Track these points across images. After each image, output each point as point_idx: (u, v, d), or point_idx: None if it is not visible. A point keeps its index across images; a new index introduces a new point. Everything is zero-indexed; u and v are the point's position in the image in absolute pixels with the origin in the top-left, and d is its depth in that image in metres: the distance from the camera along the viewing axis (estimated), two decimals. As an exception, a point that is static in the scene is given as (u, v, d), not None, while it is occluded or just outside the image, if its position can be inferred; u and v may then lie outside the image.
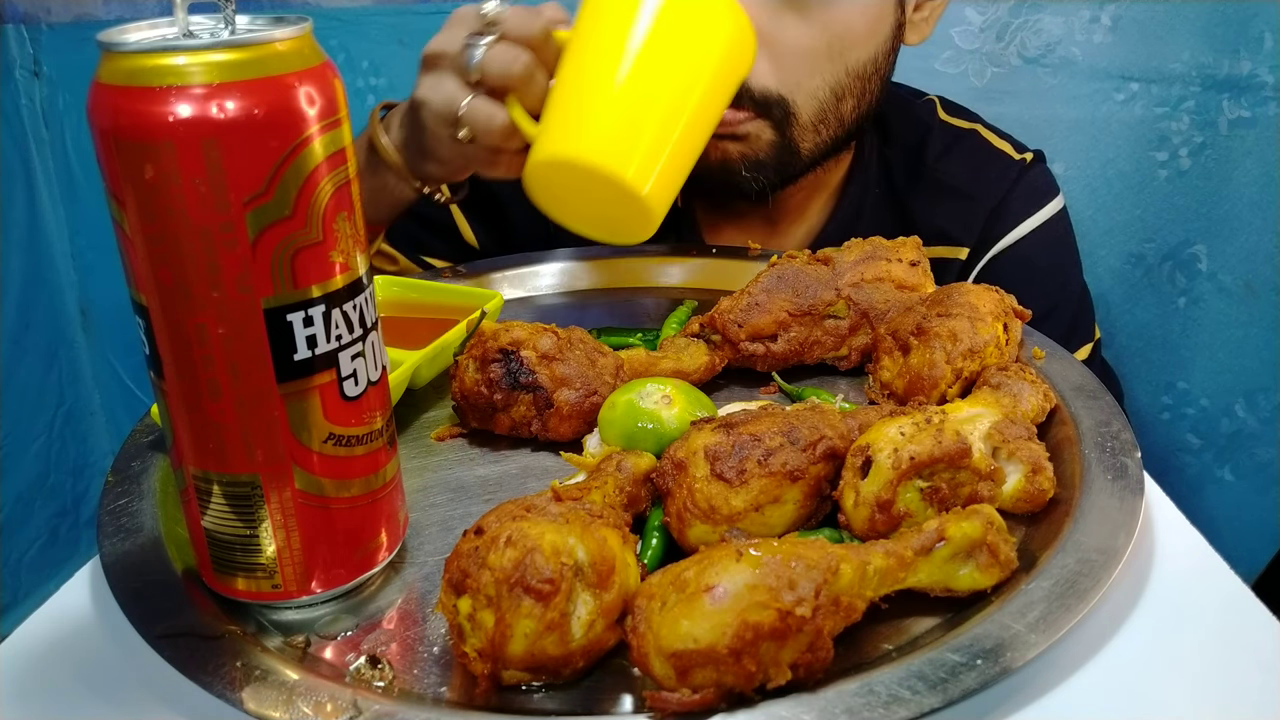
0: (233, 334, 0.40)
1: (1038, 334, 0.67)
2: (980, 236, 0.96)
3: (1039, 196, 0.98)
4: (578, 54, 0.66)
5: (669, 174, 0.64)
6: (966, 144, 0.99)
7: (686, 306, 0.73)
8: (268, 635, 0.45)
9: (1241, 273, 1.22)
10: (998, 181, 0.97)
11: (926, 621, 0.45)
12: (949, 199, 0.96)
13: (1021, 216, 0.97)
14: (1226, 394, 1.27)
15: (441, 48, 0.70)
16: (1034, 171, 1.00)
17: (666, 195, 0.65)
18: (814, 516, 0.50)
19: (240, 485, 0.43)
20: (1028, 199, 0.98)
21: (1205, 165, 1.21)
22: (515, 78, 0.66)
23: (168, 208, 0.38)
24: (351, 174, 0.42)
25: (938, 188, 0.97)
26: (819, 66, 0.83)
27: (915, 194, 0.97)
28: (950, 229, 0.95)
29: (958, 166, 0.97)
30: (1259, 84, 1.16)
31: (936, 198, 0.96)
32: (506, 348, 0.58)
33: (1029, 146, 1.01)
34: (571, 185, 0.65)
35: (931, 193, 0.97)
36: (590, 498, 0.46)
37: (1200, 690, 0.43)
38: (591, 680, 0.42)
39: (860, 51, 0.85)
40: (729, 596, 0.38)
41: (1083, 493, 0.50)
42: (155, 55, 0.37)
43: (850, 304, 0.65)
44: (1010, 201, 0.97)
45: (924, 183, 0.97)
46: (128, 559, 0.48)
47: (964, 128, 1.01)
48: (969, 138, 1.00)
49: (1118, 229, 1.28)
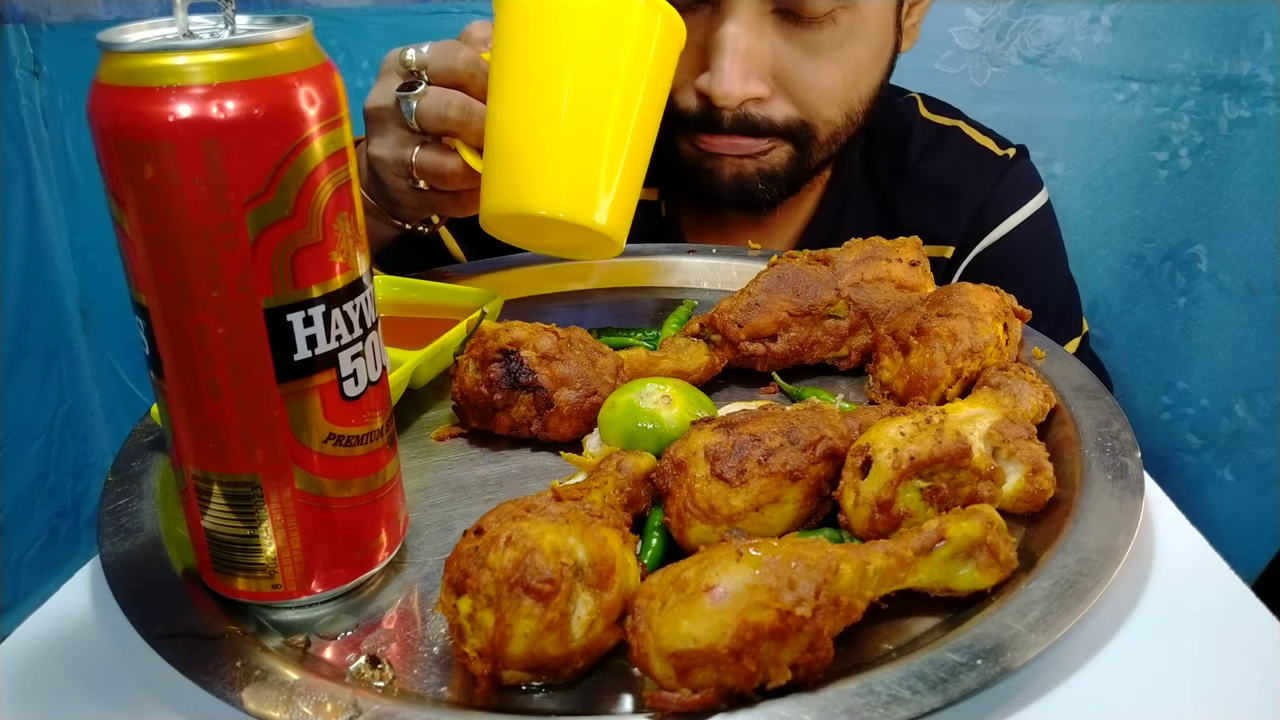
0: (233, 334, 0.40)
1: (1038, 334, 0.67)
2: (965, 234, 0.97)
3: (1023, 192, 0.99)
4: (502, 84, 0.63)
5: (623, 194, 0.63)
6: (949, 141, 1.00)
7: (686, 306, 0.73)
8: (268, 635, 0.45)
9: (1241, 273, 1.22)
10: (981, 179, 0.98)
11: (926, 621, 0.45)
12: (933, 197, 0.97)
13: (1006, 212, 0.98)
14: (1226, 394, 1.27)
15: (377, 103, 0.70)
16: (1017, 167, 1.00)
17: (625, 213, 0.64)
18: (814, 516, 0.50)
19: (240, 485, 0.43)
20: (1011, 195, 0.98)
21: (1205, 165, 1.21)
22: (453, 122, 0.66)
23: (168, 208, 0.38)
24: (352, 174, 0.42)
25: (921, 186, 0.98)
26: (837, 98, 0.87)
27: (899, 192, 0.98)
28: (935, 227, 0.96)
29: (940, 164, 0.98)
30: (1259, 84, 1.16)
31: (920, 196, 0.98)
32: (506, 348, 0.58)
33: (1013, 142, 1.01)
34: (528, 226, 0.65)
35: (915, 191, 0.98)
36: (590, 498, 0.46)
37: (1200, 690, 0.43)
38: (591, 680, 0.42)
39: (871, 78, 0.89)
40: (729, 596, 0.38)
41: (1083, 493, 0.50)
42: (155, 55, 0.37)
43: (850, 304, 0.65)
44: (994, 198, 0.98)
45: (907, 181, 0.98)
46: (128, 559, 0.48)
47: (946, 125, 1.01)
48: (951, 135, 1.01)
49: (1118, 229, 1.28)
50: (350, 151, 0.42)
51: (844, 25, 0.83)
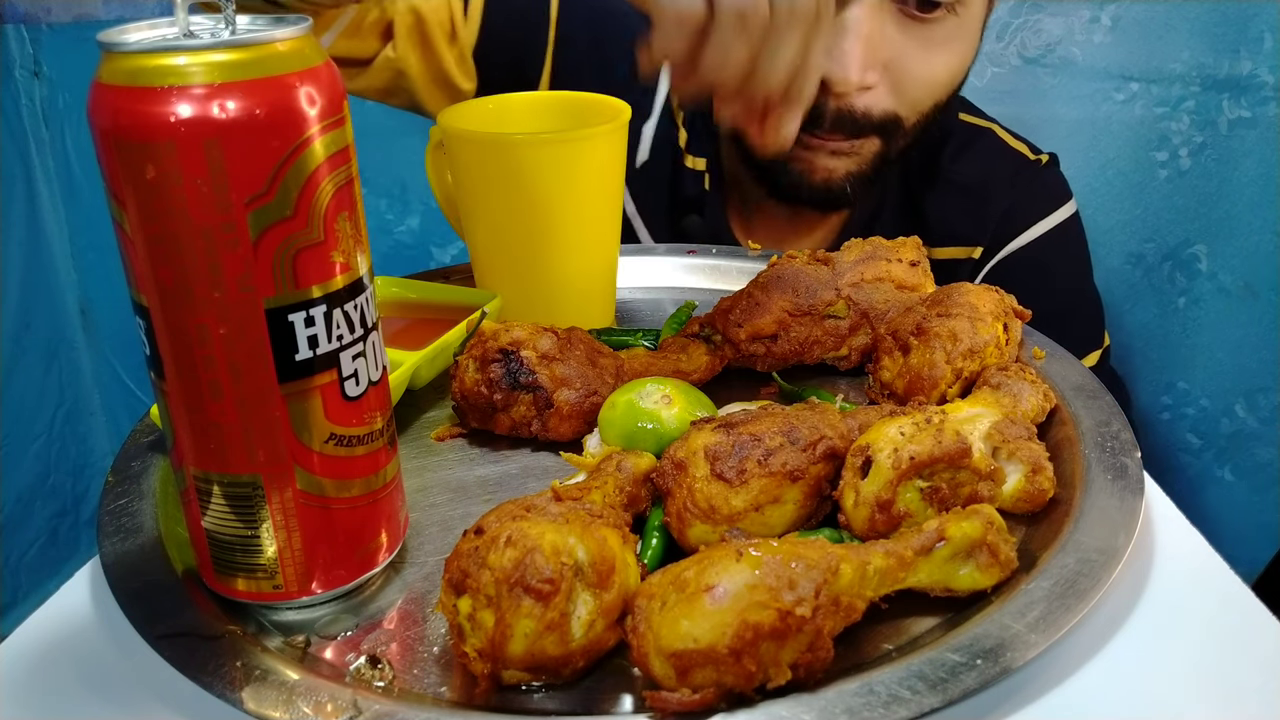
0: (234, 334, 0.40)
1: (1038, 334, 0.67)
2: (993, 236, 0.96)
3: (1053, 199, 0.99)
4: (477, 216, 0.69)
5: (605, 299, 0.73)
6: (981, 143, 1.00)
7: (686, 306, 0.73)
8: (268, 635, 0.45)
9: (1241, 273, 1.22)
10: (1011, 181, 0.98)
11: (926, 621, 0.45)
12: (962, 197, 0.97)
13: (1034, 219, 0.97)
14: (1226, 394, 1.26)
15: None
16: (1048, 174, 1.00)
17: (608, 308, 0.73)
18: (814, 516, 0.50)
19: (241, 486, 0.43)
20: (1041, 201, 0.98)
21: (1205, 165, 1.21)
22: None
23: (168, 208, 0.38)
24: (353, 173, 0.42)
25: (952, 186, 0.97)
26: (935, 94, 0.87)
27: (930, 193, 0.98)
28: (963, 228, 0.95)
29: (972, 165, 0.98)
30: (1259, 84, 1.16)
31: (950, 196, 0.97)
32: (506, 348, 0.58)
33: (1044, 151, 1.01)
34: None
35: (945, 192, 0.97)
36: (590, 498, 0.46)
37: (1200, 690, 0.43)
38: (591, 680, 0.43)
39: (960, 78, 0.90)
40: (729, 596, 0.38)
41: (1083, 493, 0.50)
42: (156, 55, 0.37)
43: (850, 304, 0.65)
44: (1023, 202, 0.97)
45: (939, 182, 0.98)
46: (128, 559, 0.48)
47: (981, 126, 1.01)
48: (984, 137, 1.01)
49: (1118, 229, 1.28)
50: (352, 151, 0.42)
51: (953, 21, 0.84)
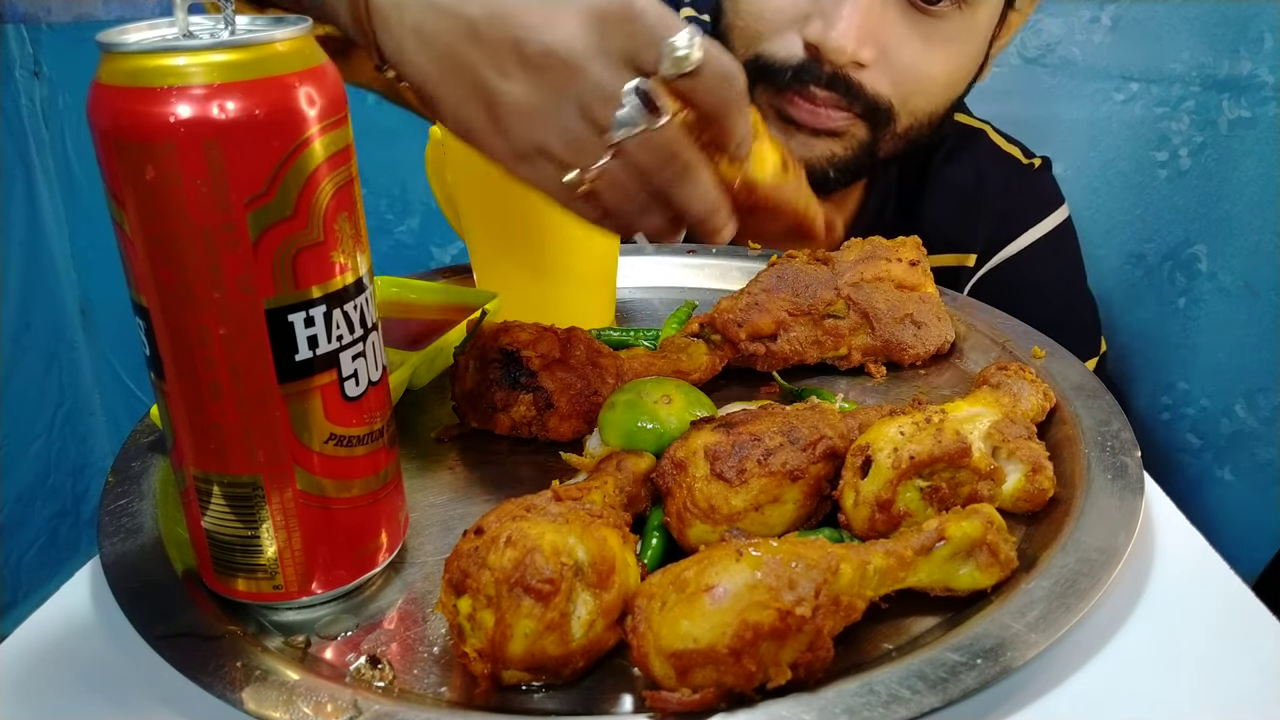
0: (234, 335, 0.40)
1: (1036, 333, 0.67)
2: (986, 241, 0.96)
3: (1045, 205, 0.98)
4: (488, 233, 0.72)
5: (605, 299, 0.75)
6: (974, 145, 0.99)
7: (686, 306, 0.73)
8: (268, 636, 0.45)
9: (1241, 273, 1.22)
10: (1005, 184, 0.97)
11: (926, 621, 0.45)
12: (955, 200, 0.96)
13: (1027, 224, 0.97)
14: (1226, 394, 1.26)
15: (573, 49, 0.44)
16: (1042, 178, 1.00)
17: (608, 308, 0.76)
18: (814, 516, 0.50)
19: (241, 486, 0.43)
20: (1034, 207, 0.97)
21: (1205, 165, 1.21)
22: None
23: (168, 208, 0.38)
24: (353, 173, 0.42)
25: (944, 189, 0.97)
26: (930, 91, 0.86)
27: (923, 197, 0.97)
28: (957, 234, 0.95)
29: (965, 168, 0.97)
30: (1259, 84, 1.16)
31: (943, 200, 0.96)
32: (506, 348, 0.58)
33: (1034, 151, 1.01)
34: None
35: (938, 195, 0.97)
36: (590, 498, 0.46)
37: (1200, 690, 0.43)
38: (591, 680, 0.42)
39: (958, 87, 0.88)
40: (729, 596, 0.38)
41: (1083, 492, 0.50)
42: (155, 56, 0.37)
43: (850, 303, 0.65)
44: (1017, 207, 0.97)
45: (931, 184, 0.97)
46: (128, 559, 0.48)
47: (974, 126, 1.01)
48: (977, 138, 1.00)
49: (1118, 229, 1.28)
50: (352, 151, 0.42)
51: (957, 22, 0.83)
